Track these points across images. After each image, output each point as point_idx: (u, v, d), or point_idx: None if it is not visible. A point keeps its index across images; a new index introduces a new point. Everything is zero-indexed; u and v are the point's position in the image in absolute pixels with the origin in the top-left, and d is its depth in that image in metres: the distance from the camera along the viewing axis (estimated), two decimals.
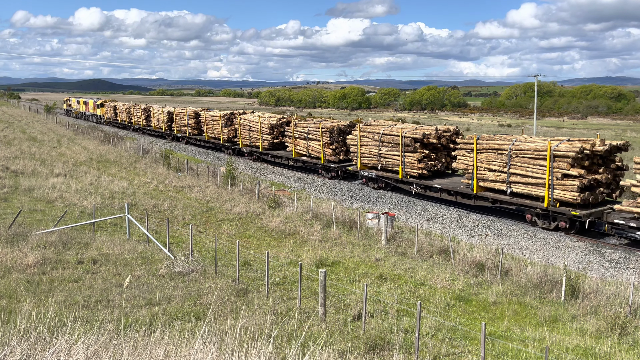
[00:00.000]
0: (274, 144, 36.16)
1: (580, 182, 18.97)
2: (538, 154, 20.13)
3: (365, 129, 28.29)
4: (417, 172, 25.34)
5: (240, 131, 39.48)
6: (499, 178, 21.46)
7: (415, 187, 25.49)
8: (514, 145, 20.96)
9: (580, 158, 19.15)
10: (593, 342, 10.60)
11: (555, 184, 19.58)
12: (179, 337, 7.04)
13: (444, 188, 24.00)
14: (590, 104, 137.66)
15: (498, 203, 21.94)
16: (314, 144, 32.04)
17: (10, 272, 12.76)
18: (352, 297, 12.54)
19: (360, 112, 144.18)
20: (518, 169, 20.72)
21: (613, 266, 16.89)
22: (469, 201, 23.02)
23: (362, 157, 28.41)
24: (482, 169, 22.02)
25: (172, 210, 22.24)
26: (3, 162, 31.22)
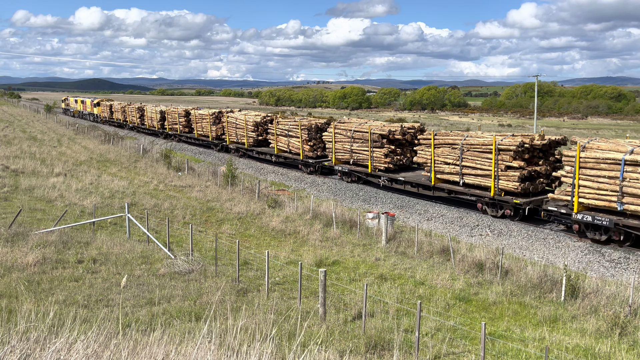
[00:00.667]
0: (259, 140, 37.85)
1: (521, 173, 20.81)
2: (485, 147, 21.95)
3: (339, 127, 30.21)
4: (384, 166, 27.19)
5: (228, 129, 41.11)
6: (453, 170, 23.36)
7: (382, 180, 27.43)
8: (465, 140, 22.86)
9: (521, 151, 21.02)
10: (593, 342, 10.60)
11: (500, 175, 21.42)
12: (179, 336, 7.04)
13: (408, 180, 25.89)
14: (590, 104, 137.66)
15: (453, 193, 23.99)
16: (293, 141, 33.72)
17: (10, 271, 12.77)
18: (352, 296, 12.54)
19: (360, 112, 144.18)
20: (469, 162, 22.64)
21: (613, 266, 16.89)
22: (428, 192, 24.86)
23: (337, 152, 30.23)
24: (439, 163, 24.00)
25: (172, 209, 22.24)
26: (3, 161, 31.23)
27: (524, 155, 21.20)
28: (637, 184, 16.90)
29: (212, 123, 43.31)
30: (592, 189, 18.26)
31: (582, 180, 18.47)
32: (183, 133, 49.09)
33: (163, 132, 53.38)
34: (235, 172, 28.58)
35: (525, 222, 20.66)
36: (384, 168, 27.20)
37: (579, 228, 18.89)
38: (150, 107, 57.30)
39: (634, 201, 17.05)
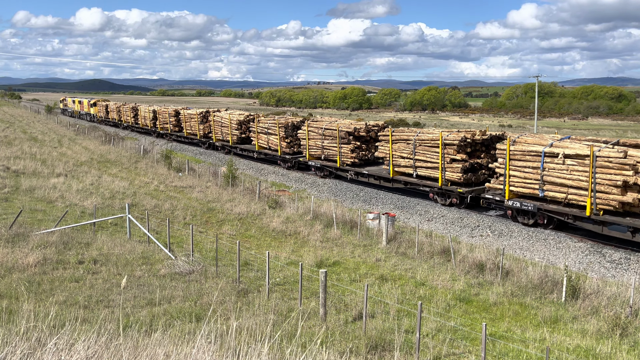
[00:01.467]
0: (242, 138, 40.12)
1: (463, 165, 23.16)
2: (434, 142, 24.25)
3: (311, 125, 32.42)
4: (350, 161, 29.49)
5: (214, 127, 43.21)
6: (408, 164, 25.77)
7: (350, 174, 29.64)
8: (418, 136, 25.28)
9: (464, 145, 23.18)
10: (594, 343, 10.59)
11: (446, 167, 23.79)
12: (180, 337, 7.04)
13: (371, 174, 28.08)
14: (591, 105, 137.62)
15: (409, 185, 26.26)
16: (272, 138, 35.89)
17: (11, 272, 12.77)
18: (353, 297, 12.53)
19: (361, 113, 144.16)
20: (421, 156, 25.02)
21: (614, 267, 16.88)
22: (388, 184, 27.09)
23: (310, 149, 32.40)
24: (396, 157, 26.35)
25: (172, 210, 22.25)
26: (4, 162, 31.25)
27: (467, 149, 23.36)
28: (554, 173, 19.31)
29: (200, 122, 45.34)
30: (520, 178, 20.57)
31: (512, 170, 20.77)
32: (173, 132, 51.14)
33: (155, 130, 55.54)
34: (235, 173, 28.60)
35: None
36: (351, 162, 29.44)
37: (511, 213, 21.37)
38: (144, 107, 59.55)
39: (552, 188, 19.52)
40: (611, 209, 17.87)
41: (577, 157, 18.63)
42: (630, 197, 17.22)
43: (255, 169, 36.93)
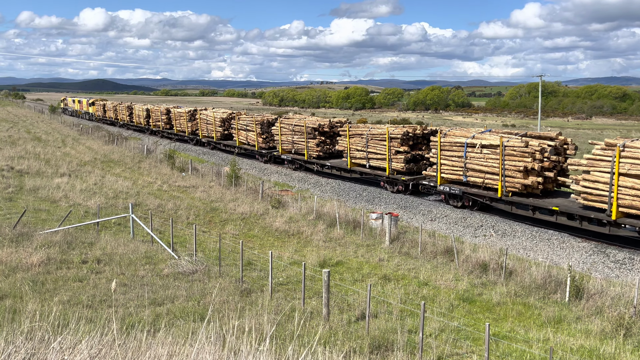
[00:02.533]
0: (225, 134, 43.35)
1: (406, 156, 26.33)
2: (382, 137, 27.32)
3: (283, 122, 35.42)
4: (316, 154, 32.55)
5: (200, 125, 46.73)
6: (362, 156, 28.83)
7: (315, 166, 32.64)
8: (370, 131, 28.34)
9: (406, 139, 26.34)
10: (597, 343, 10.56)
11: (392, 158, 26.79)
12: (183, 336, 7.05)
13: (333, 166, 31.19)
14: (594, 104, 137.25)
15: (363, 174, 29.09)
16: (251, 134, 39.06)
17: (15, 271, 12.81)
18: (356, 297, 12.53)
19: (364, 112, 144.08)
20: (372, 149, 28.02)
21: (618, 267, 16.83)
22: (347, 174, 30.23)
23: (282, 143, 35.43)
24: (353, 150, 29.45)
25: (176, 210, 22.28)
26: (8, 162, 31.34)
27: (409, 142, 26.52)
28: (474, 161, 22.36)
29: (188, 120, 48.68)
30: (449, 166, 23.60)
31: (443, 159, 23.89)
32: (165, 129, 54.48)
33: (148, 128, 58.71)
34: (238, 173, 28.62)
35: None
36: (316, 155, 32.56)
37: (444, 197, 24.45)
38: (138, 106, 63.15)
39: (473, 174, 22.62)
40: (517, 190, 21.01)
41: (491, 147, 21.78)
42: (531, 180, 20.48)
43: (259, 168, 36.96)
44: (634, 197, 17.10)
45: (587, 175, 18.45)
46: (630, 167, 17.08)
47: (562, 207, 19.62)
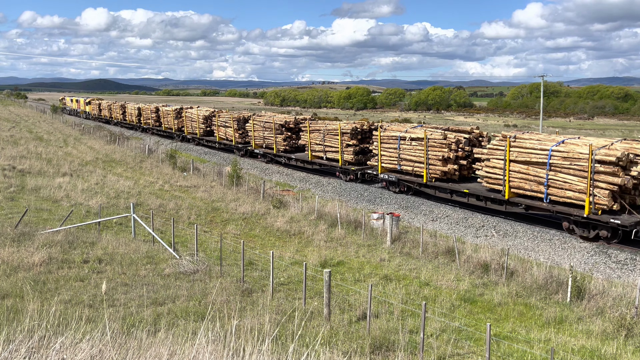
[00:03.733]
0: (207, 131, 46.66)
1: (355, 149, 29.62)
2: (335, 132, 30.71)
3: (256, 119, 38.47)
4: (283, 148, 35.70)
5: (186, 122, 49.96)
6: (320, 149, 32.06)
7: (283, 159, 35.81)
8: (326, 127, 31.74)
9: (355, 133, 29.74)
10: (599, 344, 10.54)
11: (344, 151, 30.15)
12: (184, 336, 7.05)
13: (297, 158, 34.23)
14: (597, 105, 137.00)
15: (322, 166, 32.37)
16: (229, 131, 42.27)
17: (16, 271, 12.82)
18: (357, 297, 12.52)
19: (365, 112, 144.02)
20: (328, 142, 31.30)
21: (619, 267, 16.80)
22: (309, 166, 33.55)
23: (255, 139, 38.64)
24: (313, 144, 32.45)
25: (177, 210, 22.29)
26: (10, 161, 31.39)
27: (358, 137, 29.75)
28: (406, 152, 25.80)
29: (175, 117, 51.84)
30: (387, 156, 27.05)
31: (382, 151, 27.24)
32: (154, 127, 57.45)
33: (140, 125, 61.86)
34: (240, 173, 28.63)
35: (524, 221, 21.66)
36: (283, 149, 35.63)
37: (385, 184, 27.73)
38: (130, 105, 66.54)
39: (405, 163, 26.05)
40: (438, 176, 24.46)
41: (418, 140, 25.25)
42: (448, 167, 23.96)
43: (260, 168, 36.98)
44: (520, 180, 20.46)
45: (488, 162, 21.70)
46: (518, 154, 20.34)
47: (472, 190, 22.88)
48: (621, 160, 17.63)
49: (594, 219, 18.37)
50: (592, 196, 18.16)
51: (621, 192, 18.21)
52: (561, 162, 18.93)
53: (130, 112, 64.81)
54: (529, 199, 20.42)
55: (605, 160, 17.76)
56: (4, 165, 29.85)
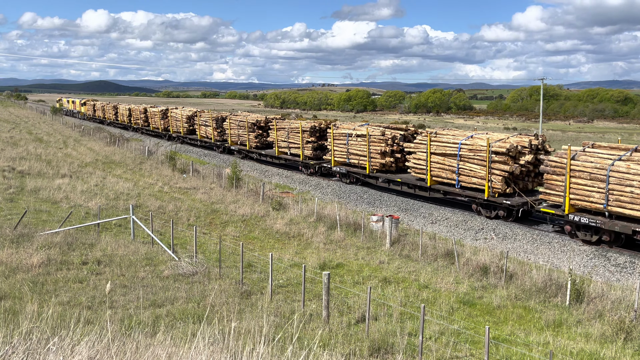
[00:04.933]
0: (190, 130, 50.06)
1: (313, 145, 32.94)
2: (297, 130, 33.67)
3: (232, 118, 41.80)
4: (255, 145, 39.09)
5: (171, 122, 53.17)
6: (285, 145, 35.22)
7: (255, 155, 39.20)
8: (290, 125, 35.02)
9: (313, 131, 32.85)
10: (598, 347, 10.54)
11: (304, 147, 33.22)
12: (182, 338, 7.05)
13: (267, 154, 37.62)
14: (596, 108, 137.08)
15: (287, 160, 35.58)
16: (209, 129, 45.42)
17: (15, 272, 12.82)
18: (356, 299, 12.52)
19: (365, 115, 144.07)
20: (291, 139, 34.45)
21: (619, 270, 16.79)
22: (276, 161, 36.71)
23: (231, 137, 41.95)
24: (279, 141, 35.76)
25: (176, 211, 22.29)
26: (9, 162, 31.38)
27: (316, 134, 32.89)
28: (353, 147, 29.06)
29: (161, 118, 55.24)
30: (339, 151, 30.26)
31: (335, 147, 30.42)
32: (143, 126, 60.90)
33: (130, 125, 65.09)
34: (239, 175, 28.63)
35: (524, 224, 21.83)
36: (255, 146, 38.94)
37: (338, 176, 31.02)
38: (122, 106, 70.23)
39: (353, 157, 29.31)
40: (378, 168, 27.78)
41: (362, 136, 28.55)
42: (386, 160, 27.39)
43: (260, 170, 37.01)
44: (439, 169, 24.07)
45: (415, 155, 25.34)
46: (436, 148, 23.97)
47: (404, 179, 26.25)
48: (511, 151, 21.31)
49: (492, 201, 21.87)
50: (490, 182, 21.71)
51: (514, 179, 21.78)
52: (468, 153, 22.58)
53: (121, 112, 68.23)
54: (446, 185, 24.04)
55: (499, 151, 21.37)
56: (4, 167, 29.85)
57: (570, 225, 19.23)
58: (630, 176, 17.22)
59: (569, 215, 18.91)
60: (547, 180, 19.77)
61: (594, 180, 18.17)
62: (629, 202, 17.25)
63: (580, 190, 18.58)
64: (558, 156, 19.63)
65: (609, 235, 18.31)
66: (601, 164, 18.08)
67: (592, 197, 18.25)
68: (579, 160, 18.70)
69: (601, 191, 17.92)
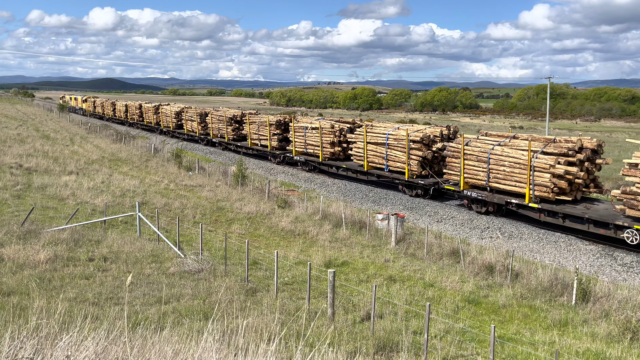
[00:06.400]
0: (178, 124, 54.63)
1: (279, 137, 37.23)
2: (266, 123, 38.15)
3: (213, 114, 46.85)
4: (232, 137, 43.76)
5: (162, 117, 57.77)
6: (256, 138, 39.77)
7: (232, 146, 44.11)
8: (260, 120, 39.44)
9: (279, 125, 37.41)
10: (604, 347, 10.50)
11: (271, 139, 37.59)
12: (188, 335, 7.07)
13: (242, 146, 42.10)
14: (603, 107, 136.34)
15: (258, 151, 39.98)
16: (194, 124, 50.22)
17: (22, 268, 12.90)
18: (361, 297, 12.52)
19: (371, 113, 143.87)
20: (261, 132, 39.01)
21: (625, 270, 16.72)
22: (250, 152, 41.17)
23: (212, 130, 46.79)
24: (252, 134, 40.35)
25: (182, 209, 22.35)
26: (17, 159, 31.55)
27: (281, 127, 37.37)
28: (309, 139, 33.37)
29: (154, 113, 60.11)
30: (299, 142, 34.49)
31: (296, 138, 34.67)
32: (138, 122, 65.92)
33: (127, 121, 69.98)
34: (245, 172, 28.67)
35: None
36: (232, 138, 43.72)
37: (299, 164, 35.31)
38: (119, 103, 75.35)
39: (310, 148, 33.63)
40: (329, 156, 32.39)
41: (316, 129, 32.79)
42: (335, 149, 32.04)
43: (265, 168, 37.04)
44: (373, 156, 28.62)
45: (356, 144, 30.00)
46: (371, 138, 28.64)
47: (349, 166, 30.56)
48: (424, 140, 26.04)
49: (411, 182, 26.33)
50: (409, 165, 26.21)
51: (429, 163, 26.27)
52: (394, 142, 27.19)
53: (119, 109, 73.29)
54: (378, 170, 28.57)
55: (415, 140, 26.04)
56: (11, 164, 30.01)
57: (466, 200, 23.79)
58: (503, 158, 21.78)
59: (464, 191, 23.51)
60: (449, 163, 24.33)
61: (480, 162, 22.72)
62: (502, 179, 21.90)
63: (471, 170, 23.13)
64: (456, 142, 24.09)
65: (493, 207, 22.68)
66: (485, 148, 22.64)
67: (479, 175, 22.85)
68: (470, 146, 23.22)
69: (485, 170, 22.55)
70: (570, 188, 20.48)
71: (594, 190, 21.21)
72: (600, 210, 19.52)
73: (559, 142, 21.37)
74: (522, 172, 20.96)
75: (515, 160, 21.24)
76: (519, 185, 21.16)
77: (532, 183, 20.57)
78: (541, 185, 20.35)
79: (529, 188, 20.71)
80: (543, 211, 20.50)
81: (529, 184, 20.65)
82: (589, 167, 20.66)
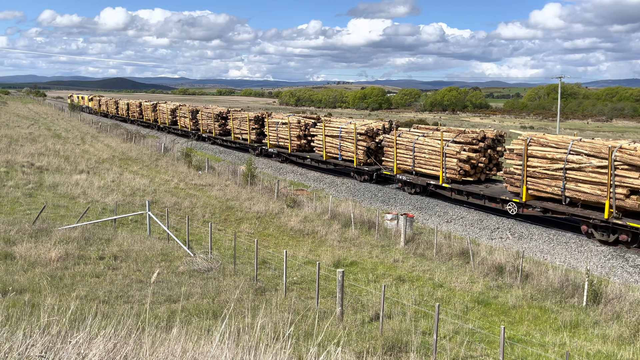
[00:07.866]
0: (173, 121, 59.08)
1: (257, 131, 41.55)
2: (246, 119, 42.23)
3: (203, 111, 51.00)
4: (218, 132, 48.01)
5: (159, 115, 62.71)
6: (239, 132, 44.14)
7: (219, 140, 48.42)
8: (241, 116, 43.24)
9: (257, 120, 41.50)
10: (615, 349, 10.41)
11: (250, 133, 41.99)
12: (197, 333, 7.10)
13: (227, 140, 46.55)
14: (615, 107, 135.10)
15: (241, 145, 44.23)
16: (186, 121, 54.32)
17: (34, 266, 13.01)
18: (370, 297, 12.50)
19: (380, 113, 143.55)
20: (242, 127, 43.23)
21: (637, 271, 16.56)
22: (234, 145, 45.82)
23: (202, 126, 51.06)
24: (235, 129, 44.54)
25: (192, 208, 22.43)
26: (28, 158, 31.83)
27: (259, 123, 41.46)
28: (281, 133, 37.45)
29: (152, 111, 64.69)
30: (273, 136, 38.54)
31: (270, 133, 38.65)
32: (138, 119, 70.35)
33: (128, 118, 74.42)
34: (254, 172, 28.72)
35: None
36: (219, 133, 47.83)
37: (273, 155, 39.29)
38: (122, 101, 79.97)
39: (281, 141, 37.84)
40: (296, 148, 36.16)
41: (285, 124, 36.77)
42: (301, 142, 35.77)
43: (274, 168, 37.10)
44: (330, 147, 32.72)
45: (317, 137, 34.10)
46: (328, 131, 32.82)
47: (312, 156, 34.54)
48: (368, 132, 30.16)
49: (359, 169, 30.36)
50: (357, 155, 30.16)
51: (375, 152, 30.16)
52: (346, 135, 31.24)
53: (121, 107, 78.51)
54: (334, 159, 32.63)
55: (361, 132, 30.15)
56: (23, 162, 30.28)
57: (400, 183, 27.68)
58: (424, 146, 25.99)
59: (397, 175, 27.50)
60: (386, 152, 28.54)
61: (407, 150, 26.92)
62: (424, 164, 26.08)
63: (402, 157, 27.28)
64: (391, 134, 28.25)
65: (419, 188, 26.60)
66: (411, 139, 26.91)
67: (407, 162, 26.99)
68: (401, 137, 27.49)
69: (411, 157, 26.72)
70: (475, 171, 24.72)
71: (501, 173, 24.32)
72: (496, 188, 23.29)
73: (467, 133, 25.54)
74: (437, 158, 25.19)
75: (432, 148, 25.54)
76: (435, 169, 25.40)
77: (444, 167, 24.73)
78: (450, 169, 24.54)
79: (442, 171, 24.86)
80: (453, 190, 24.57)
81: (442, 168, 24.81)
82: (492, 153, 25.05)
